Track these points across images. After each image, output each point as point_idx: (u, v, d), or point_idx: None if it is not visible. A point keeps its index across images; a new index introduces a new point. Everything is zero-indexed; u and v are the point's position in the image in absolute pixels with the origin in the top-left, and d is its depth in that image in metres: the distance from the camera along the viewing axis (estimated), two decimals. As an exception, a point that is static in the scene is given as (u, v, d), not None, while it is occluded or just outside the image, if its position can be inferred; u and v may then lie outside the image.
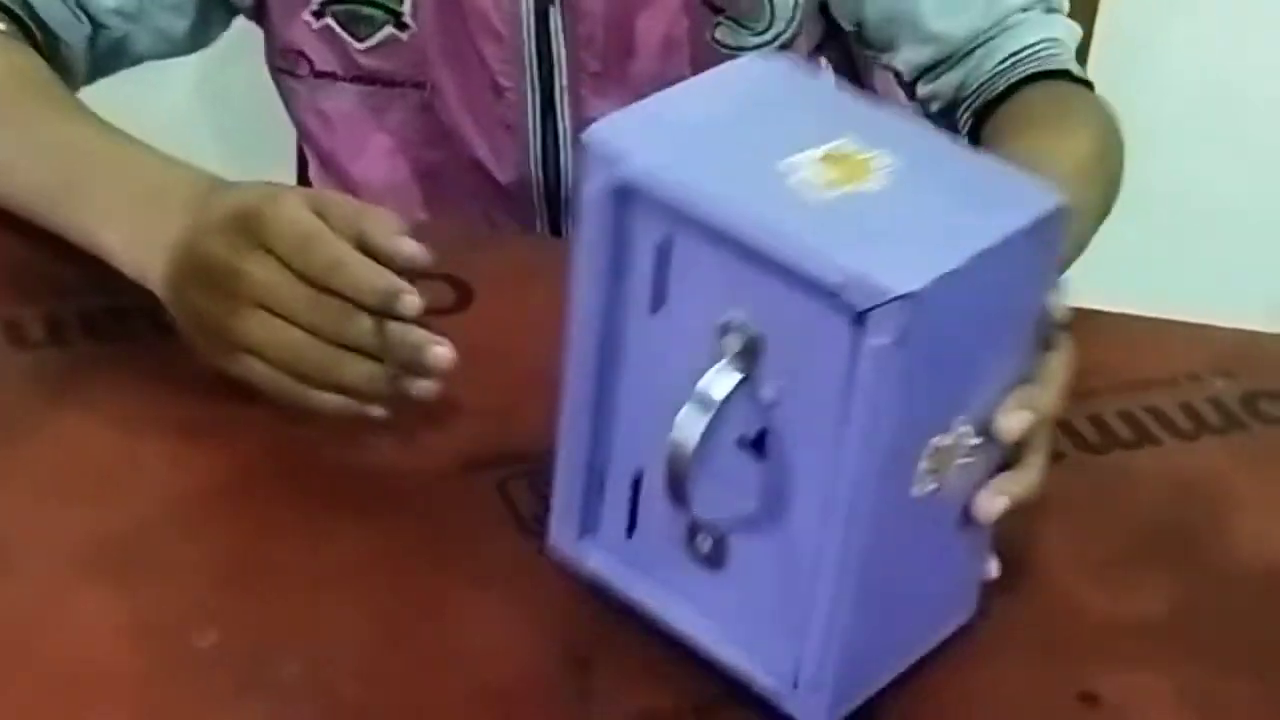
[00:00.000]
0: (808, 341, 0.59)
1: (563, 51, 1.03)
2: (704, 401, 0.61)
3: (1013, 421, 0.63)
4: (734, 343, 0.60)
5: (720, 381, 0.60)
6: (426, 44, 1.03)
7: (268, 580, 0.71)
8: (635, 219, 0.62)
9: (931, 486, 0.61)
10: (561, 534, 0.69)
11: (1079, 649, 0.71)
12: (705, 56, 1.02)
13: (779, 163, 0.61)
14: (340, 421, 0.75)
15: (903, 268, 0.56)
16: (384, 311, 0.71)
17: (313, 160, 1.16)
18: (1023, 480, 0.66)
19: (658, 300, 0.63)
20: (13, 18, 0.96)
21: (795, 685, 0.64)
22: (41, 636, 0.68)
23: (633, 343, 0.65)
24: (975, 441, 0.63)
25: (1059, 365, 0.67)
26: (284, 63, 1.08)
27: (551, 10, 1.01)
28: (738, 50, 1.03)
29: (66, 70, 0.99)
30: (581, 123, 1.01)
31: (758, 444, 0.62)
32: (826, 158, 0.61)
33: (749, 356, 0.60)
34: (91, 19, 0.99)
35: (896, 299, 0.55)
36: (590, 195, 0.63)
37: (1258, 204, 1.81)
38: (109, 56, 1.03)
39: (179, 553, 0.72)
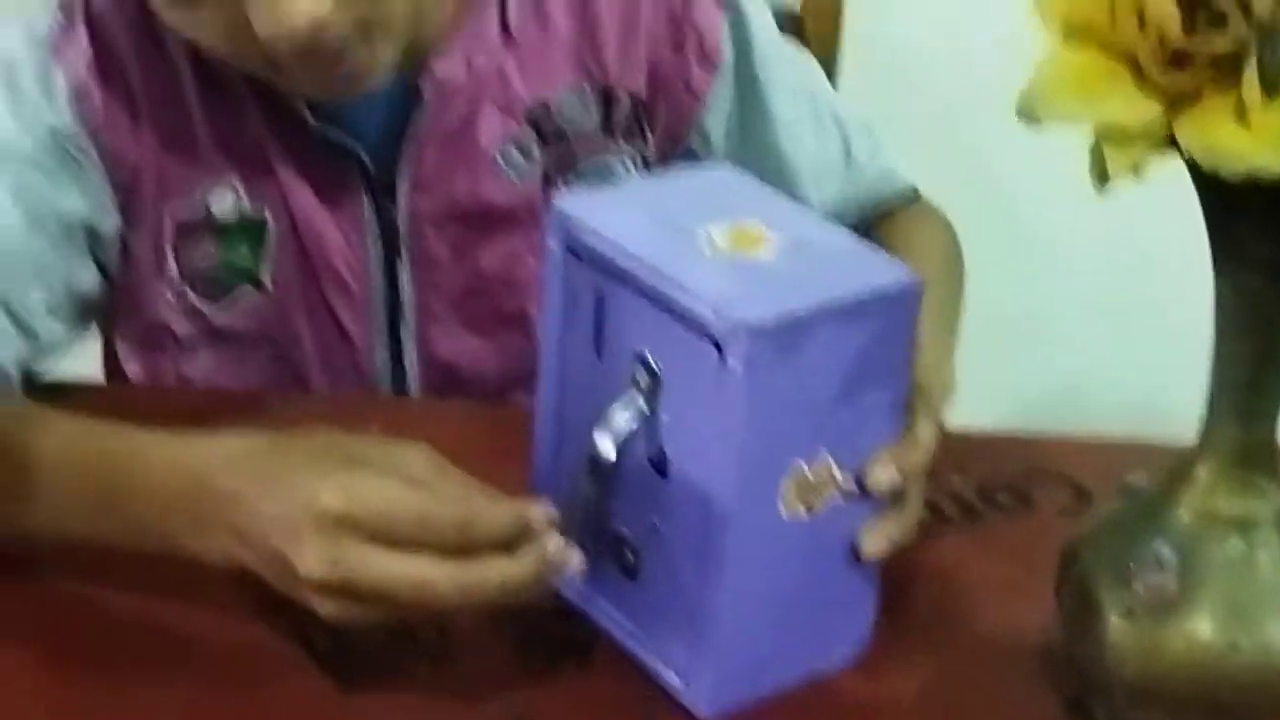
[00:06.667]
0: (690, 371, 0.70)
1: (410, 298, 1.05)
2: (613, 427, 0.73)
3: (880, 473, 0.73)
4: (641, 376, 0.73)
5: (624, 411, 0.73)
6: (283, 302, 1.04)
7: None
8: (580, 276, 0.76)
9: (802, 512, 0.71)
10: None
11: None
12: None
13: (695, 230, 0.73)
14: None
15: (760, 309, 0.67)
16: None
17: None
18: (896, 525, 0.75)
19: (599, 345, 0.76)
20: None
21: (687, 683, 0.74)
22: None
23: (584, 384, 0.77)
24: (849, 487, 0.73)
25: (925, 429, 0.76)
26: (150, 340, 1.07)
27: (398, 262, 1.03)
28: None
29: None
30: (429, 362, 1.06)
31: (659, 465, 0.73)
32: (734, 230, 0.74)
33: (652, 388, 0.72)
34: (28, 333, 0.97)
35: (746, 330, 0.66)
36: (550, 251, 0.77)
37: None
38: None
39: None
